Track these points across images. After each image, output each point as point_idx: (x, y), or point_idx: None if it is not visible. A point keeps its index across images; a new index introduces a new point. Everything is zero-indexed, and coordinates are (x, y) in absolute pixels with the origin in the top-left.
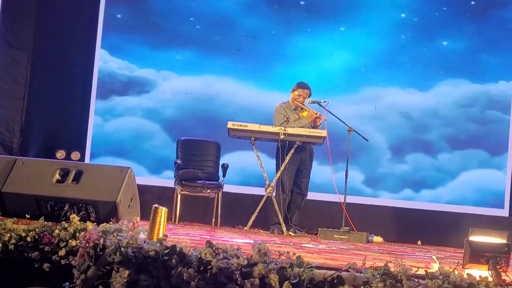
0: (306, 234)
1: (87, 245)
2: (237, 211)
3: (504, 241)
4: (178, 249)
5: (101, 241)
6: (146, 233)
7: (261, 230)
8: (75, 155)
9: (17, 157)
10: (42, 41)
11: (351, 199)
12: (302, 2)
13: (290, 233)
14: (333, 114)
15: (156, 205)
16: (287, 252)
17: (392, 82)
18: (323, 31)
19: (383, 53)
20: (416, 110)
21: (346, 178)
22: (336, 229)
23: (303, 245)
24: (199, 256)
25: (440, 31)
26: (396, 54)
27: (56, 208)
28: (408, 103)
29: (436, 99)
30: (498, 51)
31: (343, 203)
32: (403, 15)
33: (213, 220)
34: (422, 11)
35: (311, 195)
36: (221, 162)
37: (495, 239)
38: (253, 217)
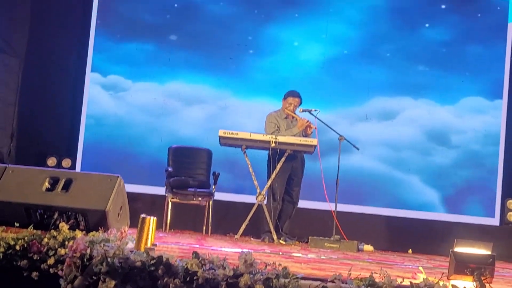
0: (297, 242)
1: (74, 255)
2: (228, 219)
3: (489, 252)
4: (164, 259)
5: (88, 251)
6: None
7: (252, 238)
8: (66, 162)
9: (7, 165)
10: (34, 46)
11: (342, 207)
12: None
13: (281, 241)
14: (324, 123)
15: (143, 215)
16: (273, 263)
17: (402, 91)
18: (312, 35)
19: (390, 59)
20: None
21: (336, 186)
22: (326, 238)
23: (292, 254)
24: (185, 266)
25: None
26: (408, 55)
27: (45, 216)
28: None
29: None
30: None
31: (333, 211)
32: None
33: (204, 228)
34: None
35: (302, 203)
36: (212, 170)
37: (480, 250)
38: (244, 225)
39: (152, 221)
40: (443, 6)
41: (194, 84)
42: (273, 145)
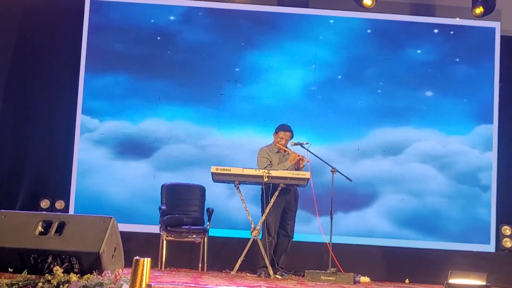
0: (293, 276)
1: None
2: (224, 255)
3: (483, 283)
4: None
5: None
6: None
7: (248, 274)
8: (60, 203)
9: None
10: (23, 88)
11: (337, 239)
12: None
13: (277, 276)
14: (316, 156)
15: (137, 257)
16: None
17: (402, 121)
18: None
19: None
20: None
21: (331, 218)
22: (323, 271)
23: None
24: None
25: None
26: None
27: (39, 260)
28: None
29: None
30: None
31: (328, 243)
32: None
33: (200, 265)
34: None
35: (297, 237)
36: (205, 206)
37: (475, 281)
38: (239, 261)
39: (146, 262)
40: (435, 31)
41: (182, 120)
42: (266, 179)
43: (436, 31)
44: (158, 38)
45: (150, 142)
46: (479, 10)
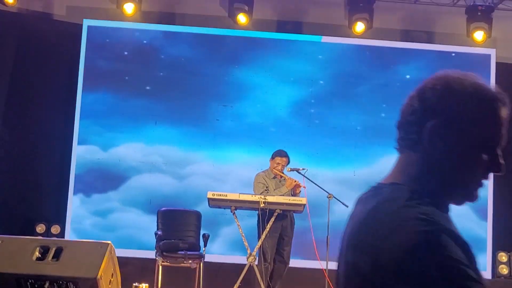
0: None
1: None
2: (220, 280)
3: None
4: None
5: None
6: None
7: None
8: (55, 228)
9: None
10: (21, 112)
11: (333, 265)
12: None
13: None
14: (312, 182)
15: (136, 283)
16: None
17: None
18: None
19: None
20: None
21: (327, 244)
22: None
23: None
24: None
25: None
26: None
27: (36, 286)
28: None
29: None
30: None
31: (324, 269)
32: None
33: None
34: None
35: (293, 262)
36: (201, 232)
37: None
38: (235, 287)
39: None
40: (434, 55)
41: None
42: (262, 205)
43: (434, 55)
44: (149, 58)
45: (124, 168)
46: (480, 36)
